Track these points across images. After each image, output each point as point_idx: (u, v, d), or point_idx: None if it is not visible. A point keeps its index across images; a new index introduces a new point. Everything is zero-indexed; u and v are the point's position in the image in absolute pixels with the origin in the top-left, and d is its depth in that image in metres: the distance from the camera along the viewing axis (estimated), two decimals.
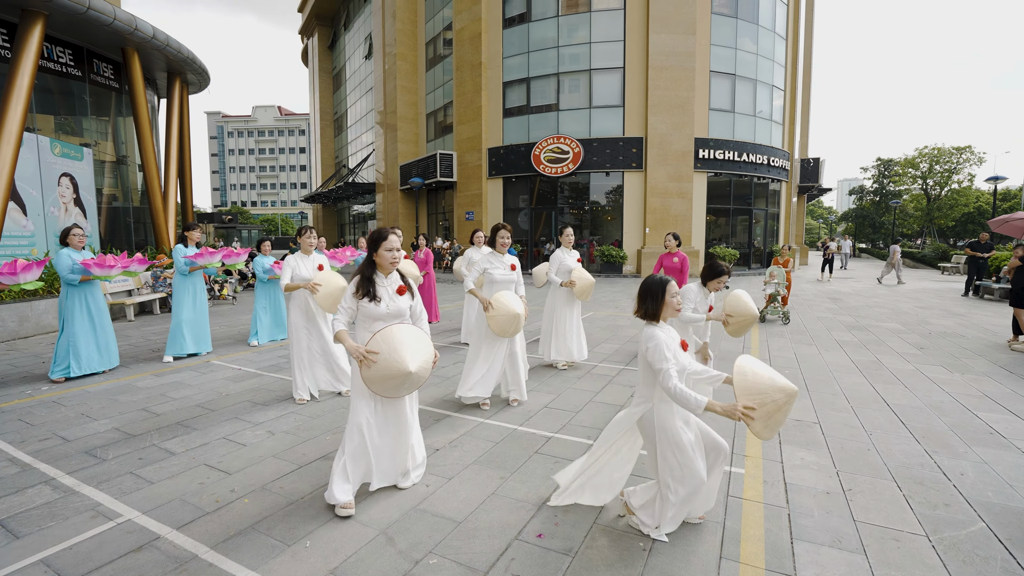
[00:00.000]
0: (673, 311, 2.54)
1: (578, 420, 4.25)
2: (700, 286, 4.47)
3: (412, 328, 2.88)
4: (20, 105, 8.17)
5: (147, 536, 2.66)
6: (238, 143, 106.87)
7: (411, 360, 2.72)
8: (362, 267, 2.94)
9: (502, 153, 20.89)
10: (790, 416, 4.28)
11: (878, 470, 3.32)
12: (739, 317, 4.20)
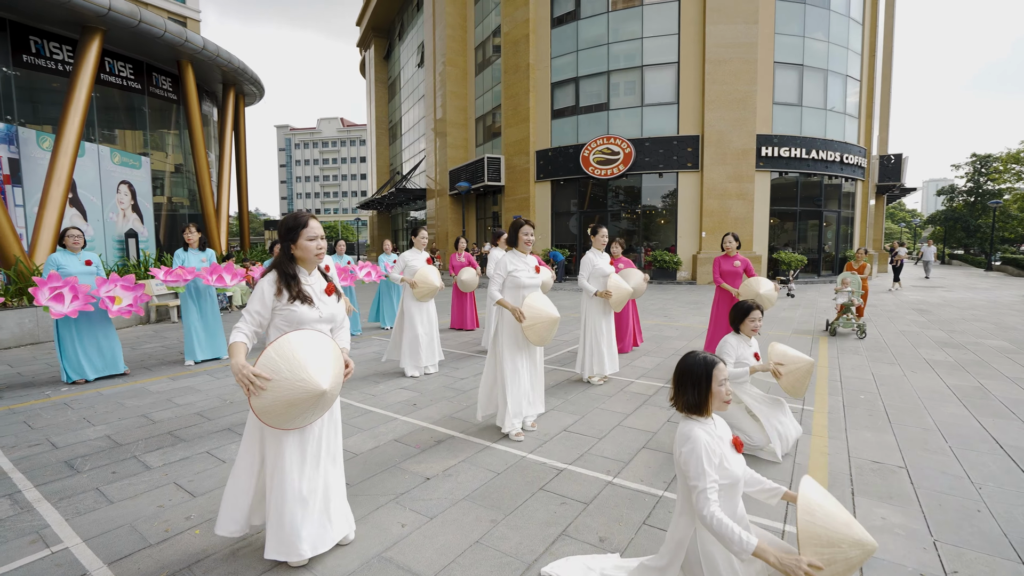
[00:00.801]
0: (722, 402, 1.89)
1: (599, 449, 3.62)
2: (736, 334, 3.63)
3: (310, 334, 2.20)
4: (78, 116, 8.54)
5: (73, 572, 2.32)
6: (304, 154, 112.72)
7: (322, 375, 2.07)
8: (277, 261, 2.29)
9: (550, 155, 20.35)
10: (867, 457, 3.45)
11: (995, 542, 2.47)
12: (792, 365, 3.44)
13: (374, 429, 4.05)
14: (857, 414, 4.31)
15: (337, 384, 2.19)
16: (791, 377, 3.44)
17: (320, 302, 2.34)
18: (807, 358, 3.47)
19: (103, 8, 8.44)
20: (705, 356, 1.92)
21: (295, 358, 2.05)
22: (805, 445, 3.65)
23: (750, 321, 3.54)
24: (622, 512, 2.76)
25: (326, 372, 2.10)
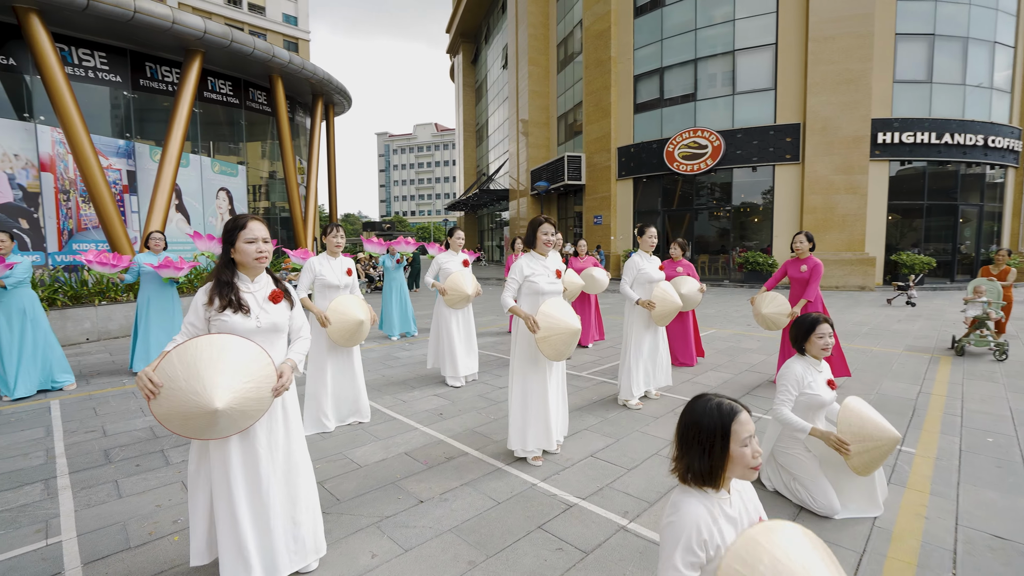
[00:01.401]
0: (747, 469, 1.37)
1: (624, 483, 3.12)
2: (801, 358, 2.89)
3: (230, 341, 1.97)
4: (180, 130, 9.48)
5: (50, 569, 2.34)
6: (401, 159, 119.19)
7: (219, 391, 1.83)
8: (217, 269, 2.13)
9: (632, 152, 19.41)
10: (985, 528, 2.62)
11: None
12: (871, 443, 2.57)
13: (390, 439, 3.88)
14: (979, 464, 3.36)
15: (246, 401, 1.91)
16: (865, 456, 2.59)
17: (261, 310, 2.13)
18: (892, 433, 2.60)
19: (199, 31, 9.27)
20: (720, 403, 1.40)
21: (194, 366, 1.84)
22: (894, 499, 2.87)
23: (818, 339, 2.84)
24: (625, 570, 2.28)
25: (228, 388, 1.85)
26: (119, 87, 9.67)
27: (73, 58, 8.87)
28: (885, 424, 2.63)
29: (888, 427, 2.63)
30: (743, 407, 1.40)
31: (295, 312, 2.33)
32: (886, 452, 2.60)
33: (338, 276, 3.95)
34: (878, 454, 2.59)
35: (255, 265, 2.14)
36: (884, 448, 2.59)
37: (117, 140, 9.49)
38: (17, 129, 8.12)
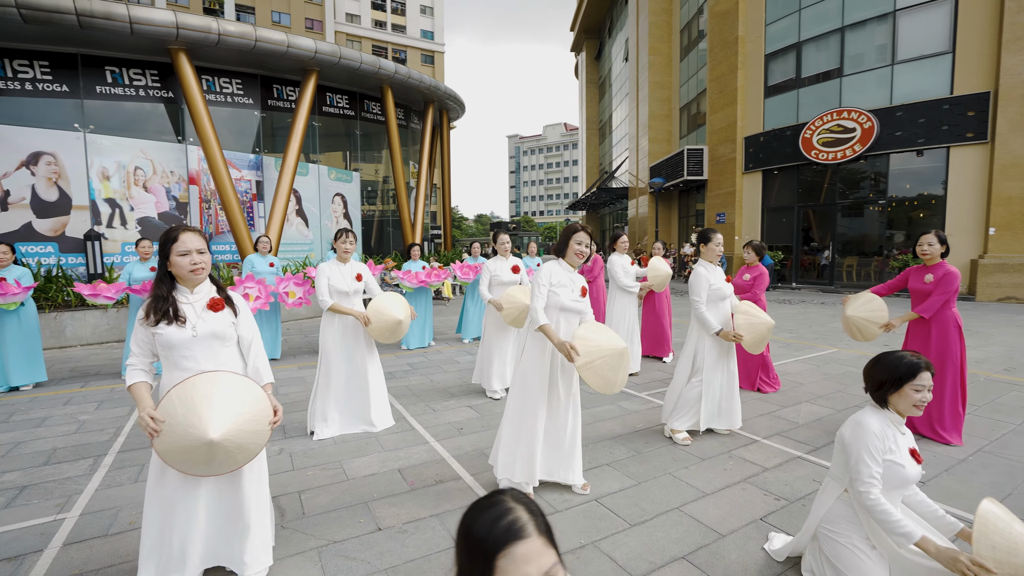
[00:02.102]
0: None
1: (616, 542, 2.56)
2: (879, 411, 2.06)
3: (225, 376, 2.03)
4: (297, 141, 10.54)
5: (39, 545, 2.55)
6: (531, 160, 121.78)
7: (214, 423, 1.89)
8: (154, 283, 2.10)
9: (761, 141, 17.22)
10: None
11: None
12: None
13: (394, 452, 3.72)
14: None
15: (243, 433, 1.97)
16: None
17: (198, 319, 2.09)
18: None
19: (311, 52, 10.22)
20: (502, 519, 0.92)
21: (191, 401, 1.92)
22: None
23: (913, 391, 1.94)
24: None
25: (222, 421, 1.91)
26: (251, 108, 11.11)
27: (216, 86, 10.39)
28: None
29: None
30: (536, 530, 0.88)
31: (241, 319, 2.27)
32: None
33: (347, 282, 3.89)
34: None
35: (190, 277, 2.11)
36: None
37: (248, 154, 10.90)
38: (173, 150, 9.72)
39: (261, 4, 47.32)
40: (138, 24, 8.27)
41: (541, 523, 0.88)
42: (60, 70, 8.82)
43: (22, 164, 8.46)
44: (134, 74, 9.43)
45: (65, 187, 8.74)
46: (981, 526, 1.69)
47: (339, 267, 3.95)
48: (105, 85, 9.21)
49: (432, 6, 60.36)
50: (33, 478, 3.36)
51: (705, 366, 3.80)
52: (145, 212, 9.47)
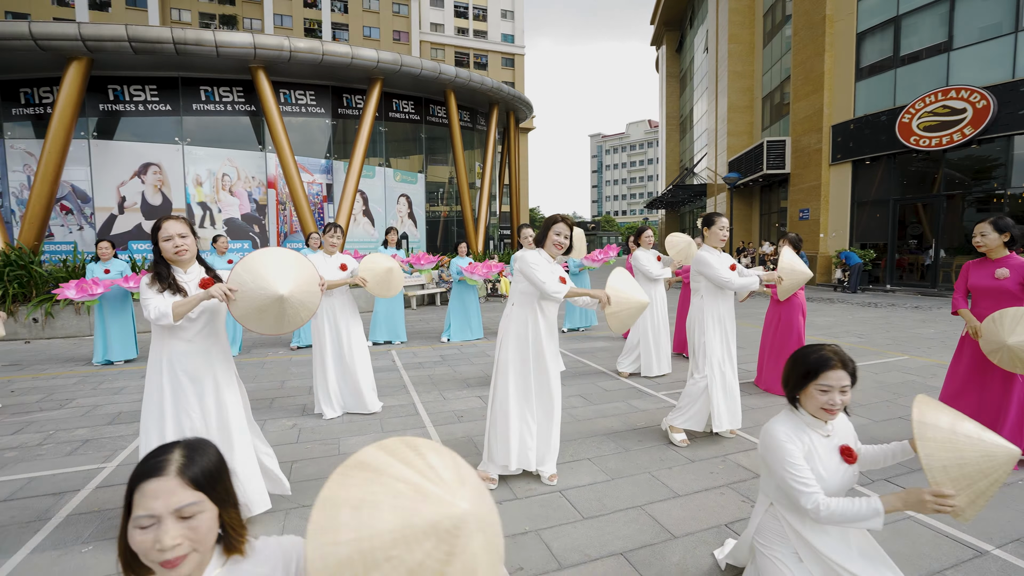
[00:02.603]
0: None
1: (557, 534, 2.56)
2: (793, 414, 1.86)
3: (278, 250, 2.52)
4: (362, 145, 11.29)
5: (77, 485, 3.05)
6: (613, 159, 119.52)
7: (280, 282, 2.40)
8: (153, 263, 2.46)
9: (851, 129, 15.64)
10: None
11: None
12: (975, 472, 1.60)
13: (389, 433, 3.94)
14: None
15: (301, 290, 2.47)
16: (971, 491, 1.60)
17: (185, 299, 2.41)
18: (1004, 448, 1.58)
19: (373, 61, 10.90)
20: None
21: (257, 271, 2.38)
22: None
23: (819, 392, 1.72)
24: None
25: (286, 279, 2.40)
26: (323, 116, 12.06)
27: (292, 98, 11.42)
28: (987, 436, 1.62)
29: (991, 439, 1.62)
30: (177, 471, 0.97)
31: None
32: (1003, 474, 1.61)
33: (333, 272, 4.22)
34: (992, 480, 1.60)
35: (176, 259, 2.44)
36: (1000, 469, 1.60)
37: (320, 159, 11.85)
38: (254, 158, 10.84)
39: (354, 21, 50.85)
40: (222, 47, 9.36)
41: (192, 469, 0.96)
42: (165, 91, 10.22)
43: (135, 174, 9.88)
44: (223, 91, 10.66)
45: (167, 193, 10.09)
46: (925, 452, 1.59)
47: (326, 258, 4.31)
48: (200, 102, 10.52)
49: (512, 10, 61.27)
50: (96, 434, 3.97)
51: (713, 360, 3.63)
52: (230, 214, 10.66)
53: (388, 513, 0.81)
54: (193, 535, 0.95)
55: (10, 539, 2.53)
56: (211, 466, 1.00)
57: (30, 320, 7.78)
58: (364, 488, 0.84)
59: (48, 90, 9.86)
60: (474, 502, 0.86)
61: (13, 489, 3.07)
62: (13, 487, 3.10)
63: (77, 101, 9.00)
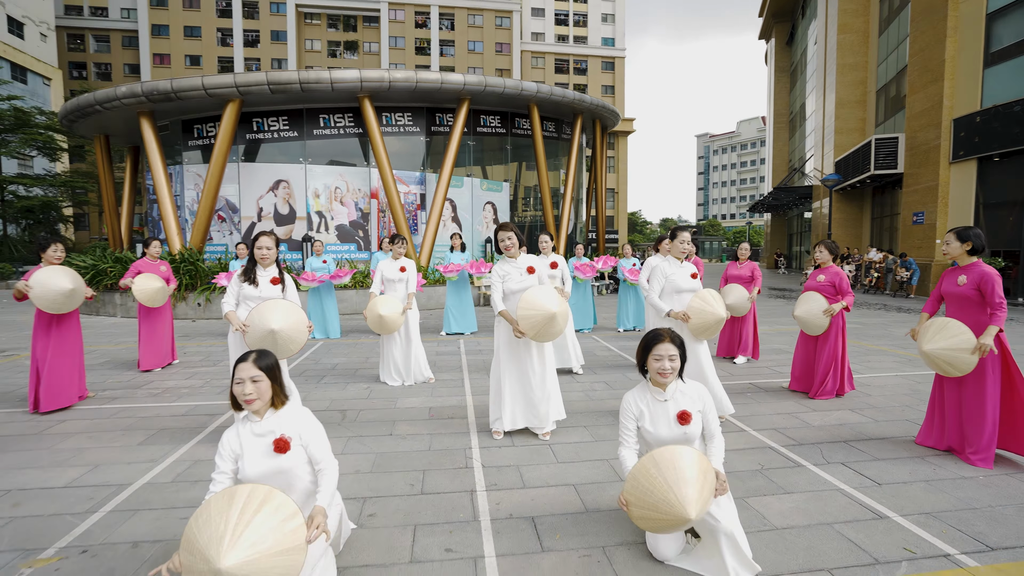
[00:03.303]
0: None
1: (535, 470, 3.35)
2: (642, 383, 2.50)
3: (279, 302, 3.48)
4: (451, 158, 12.67)
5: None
6: (721, 159, 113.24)
7: (274, 322, 3.33)
8: (247, 261, 3.73)
9: (977, 123, 14.03)
10: None
11: None
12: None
13: (434, 398, 4.93)
14: None
15: (289, 328, 3.38)
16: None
17: (263, 286, 3.63)
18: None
19: (460, 84, 12.23)
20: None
21: (261, 313, 3.39)
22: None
23: (654, 360, 2.32)
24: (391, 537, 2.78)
25: (278, 321, 3.35)
26: (418, 134, 13.67)
27: (392, 120, 13.15)
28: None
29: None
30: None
31: (286, 291, 3.79)
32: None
33: (395, 272, 5.39)
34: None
35: (261, 261, 3.67)
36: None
37: (415, 172, 13.45)
38: (360, 172, 12.70)
39: (459, 37, 54.19)
40: (336, 83, 11.25)
41: (259, 361, 1.95)
42: (292, 121, 12.43)
43: (269, 189, 12.15)
44: (336, 118, 12.66)
45: (293, 204, 12.24)
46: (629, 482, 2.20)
47: (390, 261, 5.42)
48: (319, 128, 12.60)
49: (613, 13, 61.02)
50: (301, 388, 5.38)
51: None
52: (340, 220, 12.59)
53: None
54: (257, 391, 1.95)
55: (185, 437, 3.89)
56: (269, 361, 2.01)
57: (196, 304, 10.08)
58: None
59: (212, 126, 12.52)
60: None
61: (186, 410, 4.55)
62: (186, 408, 4.58)
63: (232, 133, 11.39)
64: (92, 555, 2.37)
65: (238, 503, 1.65)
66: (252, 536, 1.59)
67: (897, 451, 3.60)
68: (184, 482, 3.15)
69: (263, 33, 49.67)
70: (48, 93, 36.90)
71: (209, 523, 1.60)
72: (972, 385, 3.43)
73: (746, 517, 2.63)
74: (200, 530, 1.60)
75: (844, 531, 2.55)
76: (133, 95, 11.30)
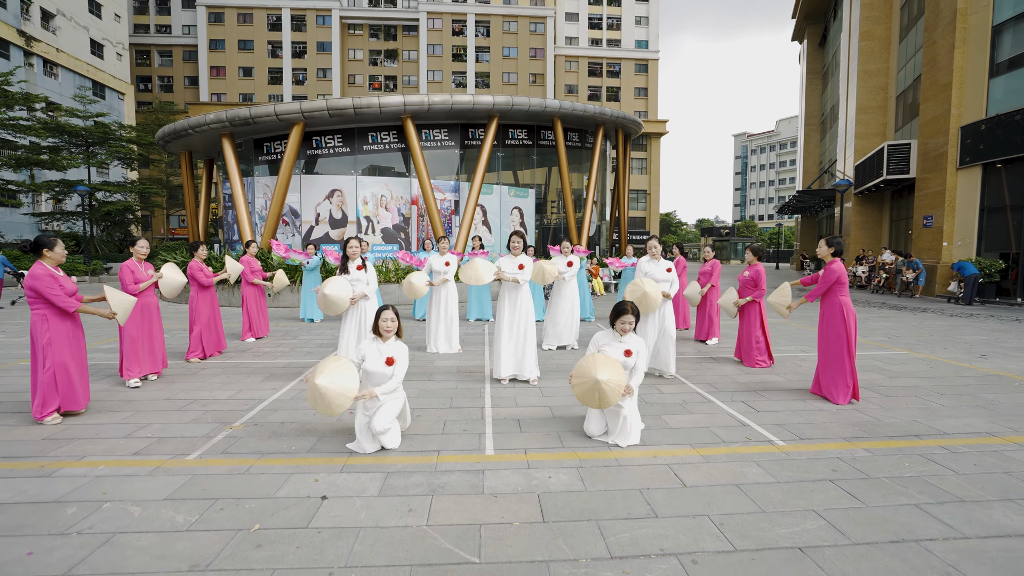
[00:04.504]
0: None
1: (521, 401, 4.93)
2: (608, 329, 3.97)
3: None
4: (481, 169, 14.32)
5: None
6: (759, 159, 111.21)
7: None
8: (342, 257, 5.41)
9: (983, 130, 14.67)
10: None
11: None
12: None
13: (464, 360, 6.55)
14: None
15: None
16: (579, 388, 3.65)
17: (353, 273, 5.34)
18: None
19: (490, 104, 13.88)
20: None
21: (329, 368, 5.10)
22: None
23: (620, 323, 3.83)
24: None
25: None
26: (453, 148, 15.42)
27: (430, 136, 14.93)
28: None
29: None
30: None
31: (368, 275, 5.46)
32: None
33: (440, 264, 6.96)
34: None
35: (352, 256, 5.38)
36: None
37: (450, 181, 15.20)
38: (403, 183, 14.54)
39: (495, 44, 55.99)
40: (383, 107, 13.12)
41: (392, 311, 3.64)
42: (346, 139, 14.40)
43: (325, 197, 14.14)
44: (383, 135, 14.54)
45: (345, 210, 14.19)
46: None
47: (438, 256, 7.10)
48: (367, 144, 14.52)
49: (647, 15, 61.54)
50: (303, 352, 7.20)
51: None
52: (385, 224, 14.46)
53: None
54: (392, 327, 3.63)
55: (289, 378, 5.66)
56: (395, 312, 3.69)
57: (267, 293, 12.08)
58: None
59: (279, 144, 14.62)
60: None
61: (285, 364, 6.34)
62: (285, 363, 6.37)
63: (296, 151, 13.42)
64: (259, 426, 4.10)
65: (342, 364, 3.44)
66: (335, 377, 3.34)
67: (789, 396, 4.99)
68: (296, 399, 4.87)
69: (309, 44, 52.92)
70: (122, 107, 40.81)
71: (328, 364, 3.43)
72: (828, 346, 4.82)
73: (654, 425, 4.13)
74: (324, 365, 3.42)
75: (714, 430, 4.03)
76: (219, 121, 13.52)
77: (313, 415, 4.35)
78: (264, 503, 2.81)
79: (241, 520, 2.63)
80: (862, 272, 18.99)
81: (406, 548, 2.40)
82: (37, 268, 4.07)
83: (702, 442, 3.78)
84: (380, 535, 2.51)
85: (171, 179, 39.93)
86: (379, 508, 2.77)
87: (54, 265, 4.21)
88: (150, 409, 4.51)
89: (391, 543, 2.44)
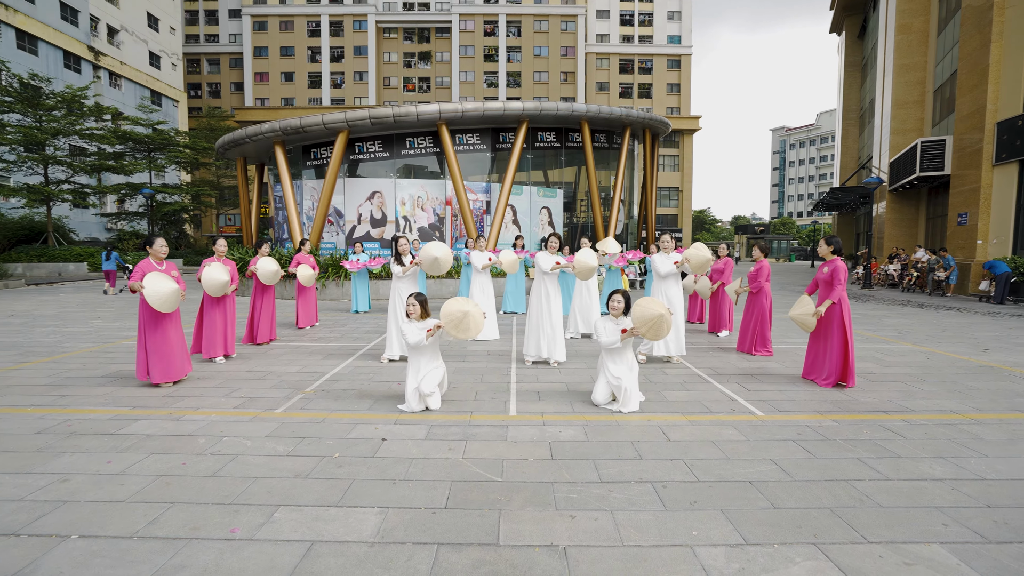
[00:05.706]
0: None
1: (543, 379, 5.70)
2: (605, 314, 4.70)
3: (439, 243, 5.88)
4: (511, 172, 15.12)
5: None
6: (799, 154, 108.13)
7: (436, 250, 5.75)
8: (394, 253, 6.24)
9: (1019, 126, 14.49)
10: None
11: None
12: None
13: (495, 345, 7.37)
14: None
15: (444, 255, 5.99)
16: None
17: (405, 264, 6.21)
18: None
19: (519, 110, 14.67)
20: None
21: (427, 249, 6.06)
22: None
23: (611, 304, 4.59)
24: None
25: (440, 249, 5.95)
26: (485, 151, 16.27)
27: (463, 140, 15.81)
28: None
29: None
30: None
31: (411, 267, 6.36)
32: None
33: (482, 261, 7.77)
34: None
35: (401, 253, 6.26)
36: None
37: (482, 182, 16.06)
38: (437, 184, 15.48)
39: (526, 43, 56.63)
40: (420, 115, 14.10)
41: (421, 296, 4.50)
42: (385, 144, 15.46)
43: (367, 199, 15.23)
44: (419, 140, 15.53)
45: (385, 211, 15.25)
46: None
47: (479, 252, 7.90)
48: (405, 149, 15.54)
49: (679, 10, 60.91)
50: (354, 337, 8.15)
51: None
52: (421, 223, 15.46)
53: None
54: (413, 310, 4.48)
55: (344, 356, 6.60)
56: (421, 298, 4.55)
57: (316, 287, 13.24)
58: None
59: (325, 150, 15.82)
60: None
61: (338, 346, 7.31)
62: (338, 346, 7.34)
63: (341, 156, 14.54)
64: (325, 391, 5.03)
65: (461, 302, 4.49)
66: (470, 305, 4.47)
67: (781, 379, 5.60)
68: (353, 374, 5.79)
69: (347, 48, 54.87)
70: (176, 113, 43.53)
71: (453, 302, 4.47)
72: (824, 336, 5.39)
73: (655, 399, 4.84)
74: (451, 301, 4.47)
75: (705, 403, 4.71)
76: (272, 131, 14.82)
77: (368, 383, 5.25)
78: (339, 441, 3.69)
79: (324, 450, 3.52)
80: (894, 270, 18.86)
81: (447, 471, 3.23)
82: (143, 264, 5.11)
83: (692, 412, 4.48)
84: (428, 463, 3.34)
85: (220, 180, 42.36)
86: (426, 447, 3.62)
87: (157, 260, 5.24)
88: (237, 379, 5.52)
89: (437, 467, 3.28)
